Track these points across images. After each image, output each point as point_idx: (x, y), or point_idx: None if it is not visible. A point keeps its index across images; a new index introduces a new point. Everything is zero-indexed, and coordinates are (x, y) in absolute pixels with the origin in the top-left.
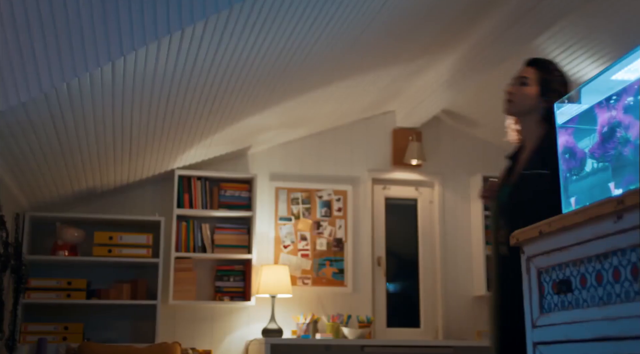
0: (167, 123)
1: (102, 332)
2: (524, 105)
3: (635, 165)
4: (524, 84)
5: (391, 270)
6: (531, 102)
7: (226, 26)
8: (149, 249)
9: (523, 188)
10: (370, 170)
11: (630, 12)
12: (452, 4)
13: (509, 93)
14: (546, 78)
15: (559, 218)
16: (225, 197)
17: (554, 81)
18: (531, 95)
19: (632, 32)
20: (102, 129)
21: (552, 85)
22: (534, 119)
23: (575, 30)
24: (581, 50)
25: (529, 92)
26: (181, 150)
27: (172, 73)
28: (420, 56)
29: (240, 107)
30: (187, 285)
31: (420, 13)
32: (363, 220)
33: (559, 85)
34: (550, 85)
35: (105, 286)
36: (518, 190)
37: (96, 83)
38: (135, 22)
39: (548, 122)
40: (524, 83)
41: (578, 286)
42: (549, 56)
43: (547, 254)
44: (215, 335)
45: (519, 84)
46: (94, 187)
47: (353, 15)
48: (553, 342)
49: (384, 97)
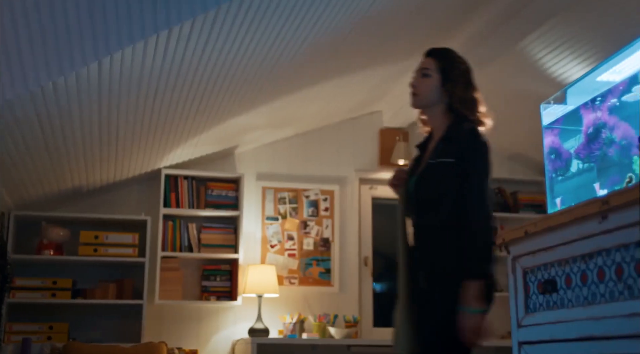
0: (153, 122)
1: (87, 332)
2: (428, 96)
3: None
4: (425, 76)
5: (378, 269)
6: (434, 93)
7: (213, 26)
8: (135, 248)
9: (429, 177)
10: (357, 170)
11: (616, 14)
12: (440, 5)
13: (412, 86)
14: (446, 67)
15: (545, 218)
16: (212, 197)
17: (455, 70)
18: (433, 86)
19: (619, 33)
20: (88, 128)
21: (453, 74)
22: (440, 109)
23: (562, 32)
24: (568, 51)
25: (431, 83)
26: (168, 149)
27: (158, 72)
28: (407, 56)
29: (228, 106)
30: (173, 285)
31: (407, 13)
32: (350, 219)
33: (459, 73)
34: (450, 74)
35: (90, 286)
36: (424, 179)
37: (82, 82)
38: (122, 21)
39: (453, 112)
40: (425, 74)
41: (563, 286)
42: (535, 57)
43: (533, 254)
44: (202, 335)
45: (421, 76)
46: (80, 186)
47: (340, 15)
48: (538, 342)
49: (371, 97)
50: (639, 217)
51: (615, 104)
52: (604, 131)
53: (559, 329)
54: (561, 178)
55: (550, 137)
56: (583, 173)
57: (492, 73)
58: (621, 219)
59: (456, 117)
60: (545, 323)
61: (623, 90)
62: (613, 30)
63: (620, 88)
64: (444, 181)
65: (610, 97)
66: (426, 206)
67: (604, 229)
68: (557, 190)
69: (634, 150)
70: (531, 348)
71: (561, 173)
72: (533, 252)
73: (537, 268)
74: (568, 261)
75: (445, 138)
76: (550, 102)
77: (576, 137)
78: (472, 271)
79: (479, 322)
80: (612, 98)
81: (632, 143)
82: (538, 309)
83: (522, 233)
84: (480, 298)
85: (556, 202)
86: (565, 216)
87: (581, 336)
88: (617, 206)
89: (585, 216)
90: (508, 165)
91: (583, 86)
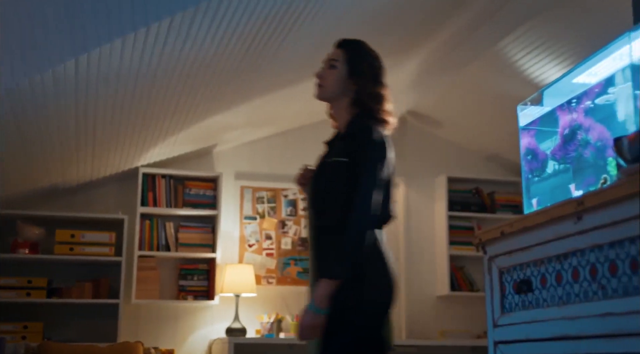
0: (131, 120)
1: (62, 331)
2: (334, 88)
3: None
4: (333, 67)
5: None
6: (340, 85)
7: (192, 23)
8: (112, 247)
9: (321, 177)
10: None
11: (593, 16)
12: (418, 6)
13: (318, 76)
14: (355, 59)
15: (521, 218)
16: (189, 196)
17: (363, 63)
18: (339, 78)
19: (595, 36)
20: (64, 126)
21: (361, 67)
22: (344, 103)
23: (539, 34)
24: (545, 53)
25: (337, 74)
26: (146, 147)
27: (136, 70)
28: (386, 57)
29: (207, 105)
30: (150, 284)
31: (387, 14)
32: None
33: (368, 66)
34: (358, 66)
35: (66, 285)
36: (317, 179)
37: (59, 79)
38: (100, 18)
39: (358, 106)
40: (333, 66)
41: (538, 286)
42: (513, 59)
43: (509, 254)
44: (179, 334)
45: (329, 67)
46: (56, 184)
47: (320, 15)
48: (513, 341)
49: None
50: (613, 218)
51: (590, 106)
52: (579, 132)
53: (534, 328)
54: (537, 179)
55: (526, 138)
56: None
57: (470, 74)
58: (596, 220)
59: (359, 113)
60: (521, 323)
61: (599, 92)
62: (590, 32)
63: (596, 90)
64: (334, 182)
65: (586, 98)
66: (319, 207)
67: (578, 230)
68: (533, 191)
69: (609, 152)
70: (507, 347)
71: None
72: (509, 252)
73: (513, 268)
74: (543, 262)
75: (343, 136)
76: (527, 104)
77: (552, 138)
78: (329, 270)
79: (317, 322)
80: (588, 100)
81: (607, 145)
82: (514, 309)
83: (499, 234)
84: (327, 299)
85: (532, 203)
86: (541, 217)
87: (556, 336)
88: (591, 207)
89: (561, 217)
90: (485, 166)
91: (559, 88)
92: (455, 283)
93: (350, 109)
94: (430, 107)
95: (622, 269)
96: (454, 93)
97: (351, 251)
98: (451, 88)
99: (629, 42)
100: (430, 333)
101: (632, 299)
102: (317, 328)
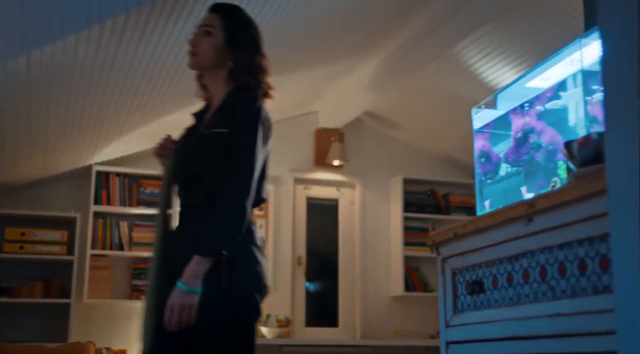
0: (85, 117)
1: (12, 331)
2: (209, 58)
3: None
4: (208, 34)
5: (311, 269)
6: (216, 54)
7: (148, 20)
8: (64, 246)
9: (198, 149)
10: (292, 170)
11: (547, 22)
12: (375, 9)
13: (191, 44)
14: (232, 26)
15: (473, 220)
16: (144, 194)
17: (242, 31)
18: (216, 46)
19: (549, 41)
20: (16, 122)
21: (239, 35)
22: (221, 74)
23: (494, 38)
24: (499, 57)
25: (213, 42)
26: (100, 145)
27: (91, 67)
28: (344, 58)
29: (162, 103)
30: (102, 283)
31: (343, 16)
32: (284, 219)
33: (247, 35)
34: (236, 34)
35: (16, 284)
36: (193, 151)
37: (10, 75)
38: (54, 13)
39: (235, 78)
40: (208, 32)
41: (490, 287)
42: (468, 62)
43: (462, 255)
44: (131, 334)
45: (203, 34)
46: (7, 181)
47: (278, 15)
48: (465, 341)
49: (307, 98)
50: (562, 220)
51: (543, 110)
52: (531, 136)
53: (485, 329)
54: (490, 181)
55: (480, 140)
56: (511, 176)
57: (427, 77)
58: (546, 222)
59: (238, 85)
60: (473, 323)
61: (551, 97)
62: (543, 38)
63: (548, 94)
64: (212, 154)
65: (538, 103)
66: (193, 182)
67: (529, 231)
68: (486, 193)
69: (559, 155)
70: (458, 347)
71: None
72: (462, 253)
73: (466, 269)
74: (495, 263)
75: (222, 107)
76: (481, 107)
77: (505, 141)
78: (205, 247)
79: (188, 302)
80: (540, 104)
81: (558, 149)
82: (466, 309)
83: (452, 235)
84: (199, 278)
85: (485, 205)
86: (493, 219)
87: (507, 336)
88: (542, 210)
89: (512, 219)
90: (441, 168)
91: (513, 92)
92: (409, 284)
93: (228, 81)
94: (387, 109)
95: (570, 270)
96: (411, 95)
97: (231, 228)
98: (408, 90)
99: (580, 48)
100: (384, 333)
101: (580, 300)
102: (190, 309)
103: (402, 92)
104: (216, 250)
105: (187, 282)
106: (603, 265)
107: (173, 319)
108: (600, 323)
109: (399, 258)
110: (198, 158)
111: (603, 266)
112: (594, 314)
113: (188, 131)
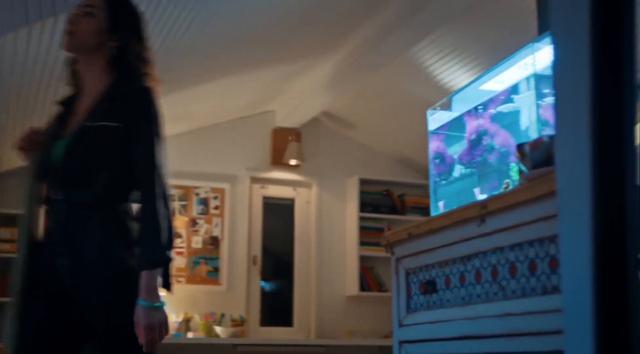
0: (38, 111)
1: None
2: (89, 40)
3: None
4: (90, 14)
5: (267, 269)
6: (97, 38)
7: None
8: (15, 244)
9: (85, 143)
10: (248, 169)
11: (501, 26)
12: (334, 9)
13: (70, 22)
14: (118, 11)
15: (427, 220)
16: None
17: (127, 15)
18: (96, 29)
19: (503, 44)
20: None
21: (124, 20)
22: (101, 60)
23: (450, 41)
24: (456, 59)
25: (94, 24)
26: None
27: (43, 61)
28: (301, 58)
29: None
30: None
31: (301, 15)
32: (240, 218)
33: (133, 21)
34: (121, 19)
35: None
36: (78, 145)
37: None
38: (3, 5)
39: (116, 66)
40: (90, 13)
41: (443, 287)
42: (425, 64)
43: (415, 255)
44: None
45: (84, 14)
46: None
47: (236, 13)
48: (418, 341)
49: (264, 97)
50: (513, 221)
51: (496, 112)
52: (485, 138)
53: (438, 328)
54: (444, 182)
55: (435, 142)
56: (465, 178)
57: (383, 77)
58: (498, 223)
59: (122, 74)
60: (425, 323)
61: (504, 100)
62: (498, 41)
63: (501, 97)
64: (104, 150)
65: (492, 105)
66: (79, 179)
67: (482, 232)
68: (440, 194)
69: (512, 158)
70: (411, 346)
71: (444, 177)
72: (416, 253)
73: (419, 269)
74: (448, 263)
75: (108, 98)
76: (436, 108)
77: (460, 143)
78: (152, 259)
79: (159, 317)
80: (493, 106)
81: (511, 151)
82: (419, 309)
83: (406, 235)
84: (156, 290)
85: (439, 205)
86: (446, 220)
87: (459, 335)
88: (494, 211)
89: (465, 220)
90: (397, 168)
91: (467, 94)
92: (364, 283)
93: (109, 68)
94: (344, 109)
95: (521, 271)
96: (368, 96)
97: (167, 232)
98: (365, 90)
99: (533, 52)
100: (339, 332)
101: (530, 300)
102: (163, 324)
103: (360, 92)
104: (164, 258)
105: (148, 298)
106: (552, 265)
107: (153, 340)
108: (549, 323)
109: (354, 257)
110: (85, 154)
111: (552, 266)
112: (543, 314)
113: (58, 121)
